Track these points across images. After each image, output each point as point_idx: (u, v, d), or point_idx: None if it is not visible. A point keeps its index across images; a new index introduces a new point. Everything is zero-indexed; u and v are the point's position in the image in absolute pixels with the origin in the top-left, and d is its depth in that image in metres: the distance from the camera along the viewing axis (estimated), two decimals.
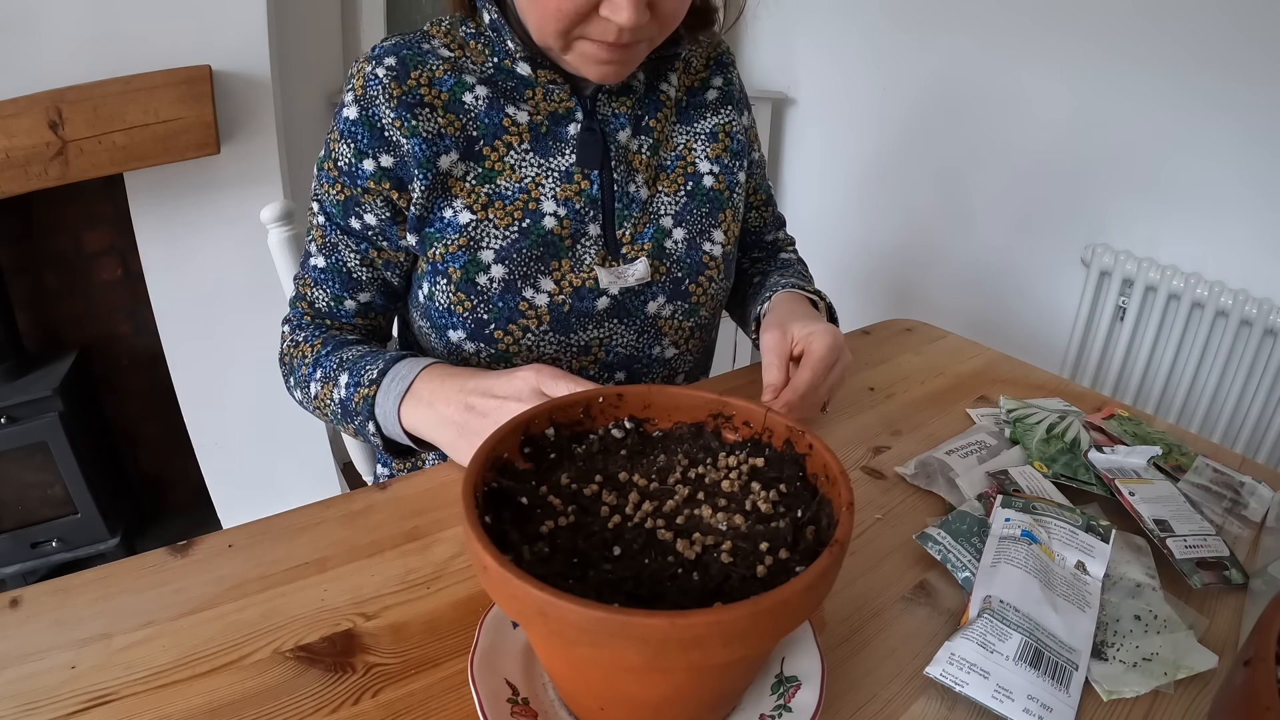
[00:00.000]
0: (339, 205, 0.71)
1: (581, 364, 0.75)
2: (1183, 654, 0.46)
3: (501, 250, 0.69)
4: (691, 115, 0.80)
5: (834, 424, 0.72)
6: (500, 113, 0.70)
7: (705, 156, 0.79)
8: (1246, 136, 1.37)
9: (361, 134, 0.67)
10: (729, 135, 0.81)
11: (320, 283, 0.75)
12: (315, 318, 0.77)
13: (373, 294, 0.76)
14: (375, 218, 0.71)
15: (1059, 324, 1.72)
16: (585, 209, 0.72)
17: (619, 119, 0.73)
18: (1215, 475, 0.64)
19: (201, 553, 0.53)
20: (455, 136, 0.69)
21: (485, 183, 0.70)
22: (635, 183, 0.74)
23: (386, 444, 0.67)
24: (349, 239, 0.72)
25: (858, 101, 2.03)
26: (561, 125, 0.72)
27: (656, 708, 0.36)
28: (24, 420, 1.47)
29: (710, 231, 0.78)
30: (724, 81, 0.83)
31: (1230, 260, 1.45)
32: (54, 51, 1.30)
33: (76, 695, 0.41)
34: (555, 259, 0.71)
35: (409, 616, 0.48)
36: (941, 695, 0.44)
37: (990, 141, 1.75)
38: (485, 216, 0.69)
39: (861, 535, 0.57)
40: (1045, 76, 1.61)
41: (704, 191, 0.78)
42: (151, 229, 1.51)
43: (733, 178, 0.80)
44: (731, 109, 0.82)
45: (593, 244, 0.72)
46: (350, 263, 0.73)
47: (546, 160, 0.71)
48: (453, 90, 0.69)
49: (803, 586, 0.31)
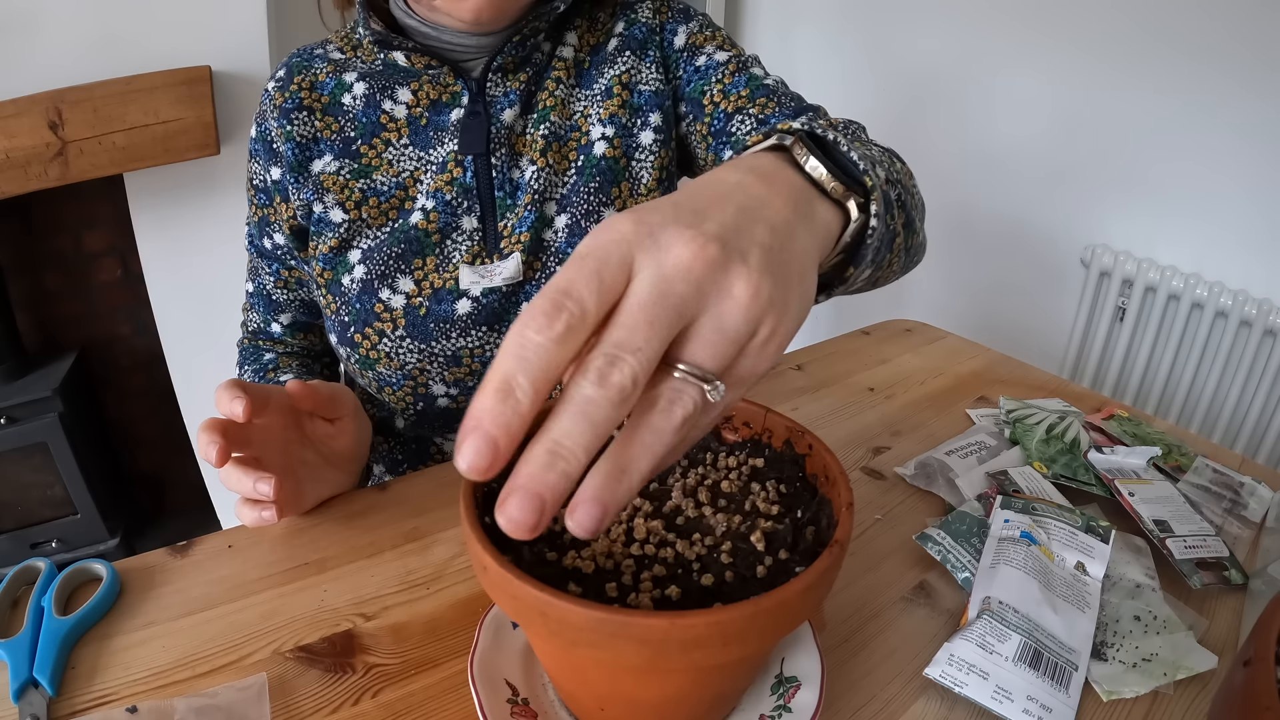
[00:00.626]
0: (256, 226, 0.71)
1: (456, 376, 0.66)
2: (1182, 654, 0.46)
3: (367, 250, 0.65)
4: (591, 76, 0.68)
5: (834, 424, 0.72)
6: (377, 109, 0.65)
7: (598, 120, 0.66)
8: (1247, 136, 1.37)
9: (258, 149, 0.67)
10: (627, 88, 0.67)
11: (252, 306, 0.76)
12: (252, 338, 0.78)
13: (294, 313, 0.74)
14: (282, 236, 0.69)
15: (1059, 324, 1.72)
16: (458, 200, 0.64)
17: (508, 97, 0.65)
18: (1215, 476, 0.64)
19: (201, 553, 0.53)
20: (331, 140, 0.65)
21: (359, 178, 0.65)
22: (519, 166, 0.65)
23: None
24: (264, 261, 0.72)
25: (857, 102, 2.03)
26: (443, 113, 0.65)
27: (656, 708, 0.36)
28: (24, 420, 1.47)
29: (600, 211, 0.65)
30: (626, 24, 0.69)
31: (1230, 260, 1.45)
32: (54, 51, 1.30)
33: (77, 695, 0.41)
34: (419, 256, 0.64)
35: (409, 617, 0.48)
36: (941, 696, 0.44)
37: (990, 142, 1.75)
38: (359, 216, 0.65)
39: (861, 535, 0.57)
40: (1045, 76, 1.61)
41: (594, 163, 0.65)
42: (151, 229, 1.51)
43: (631, 140, 0.66)
44: (631, 55, 0.68)
45: (466, 239, 0.64)
46: (268, 285, 0.73)
47: (425, 153, 0.65)
48: (333, 93, 0.66)
49: (802, 587, 0.31)
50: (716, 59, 0.68)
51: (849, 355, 0.85)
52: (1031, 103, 1.65)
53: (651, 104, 0.67)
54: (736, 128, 0.66)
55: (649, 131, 0.67)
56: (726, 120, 0.67)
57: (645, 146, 0.67)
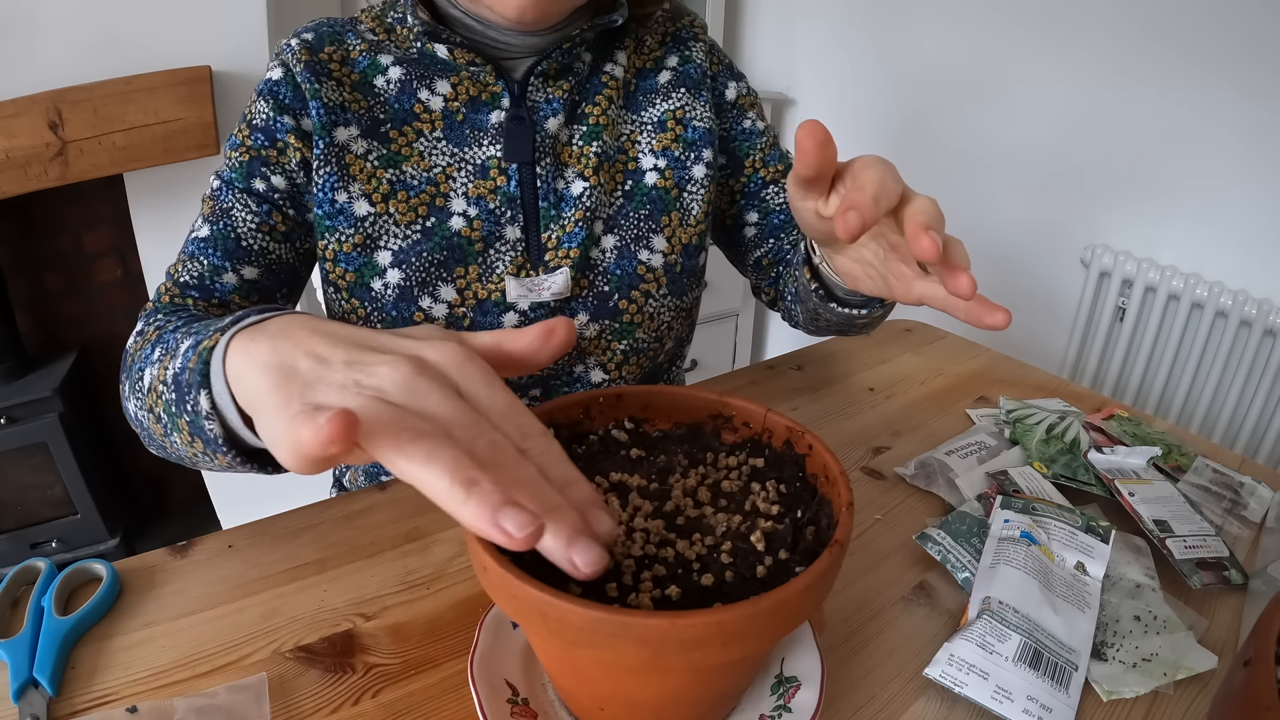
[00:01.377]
0: (242, 167, 0.61)
1: None
2: (1182, 654, 0.46)
3: (400, 252, 0.62)
4: (639, 102, 0.69)
5: (834, 424, 0.72)
6: (412, 97, 0.63)
7: (650, 150, 0.68)
8: (1247, 137, 1.37)
9: (284, 91, 0.61)
10: (681, 123, 0.69)
11: (197, 254, 0.60)
12: (177, 297, 0.60)
13: (261, 271, 0.62)
14: (285, 179, 0.61)
15: (1059, 324, 1.72)
16: (501, 208, 0.63)
17: (551, 104, 0.64)
18: (1215, 476, 0.64)
19: (201, 553, 0.53)
20: (359, 114, 0.62)
21: (389, 166, 0.62)
22: (565, 178, 0.65)
23: (231, 442, 0.41)
24: (249, 199, 0.61)
25: (857, 103, 2.03)
26: (482, 112, 0.64)
27: (656, 708, 0.36)
28: (24, 420, 1.47)
29: (649, 238, 0.67)
30: (680, 60, 0.71)
31: (1230, 260, 1.45)
32: (54, 52, 1.30)
33: (77, 695, 0.41)
34: (461, 265, 0.63)
35: (409, 617, 0.48)
36: (941, 696, 0.44)
37: (989, 142, 1.75)
38: (386, 210, 0.62)
39: (861, 535, 0.57)
40: (1045, 77, 1.61)
41: (645, 191, 0.67)
42: (151, 229, 1.51)
43: (684, 172, 0.69)
44: (686, 92, 0.70)
45: (509, 249, 0.63)
46: (242, 227, 0.61)
47: (460, 150, 0.63)
48: (365, 72, 0.63)
49: (802, 587, 0.31)
50: (758, 127, 0.75)
51: (849, 355, 0.86)
52: (1032, 104, 1.65)
53: (705, 140, 0.70)
54: (770, 197, 0.76)
55: (701, 166, 0.70)
56: (762, 186, 0.76)
57: (697, 180, 0.70)
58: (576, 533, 0.28)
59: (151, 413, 0.47)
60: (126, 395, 0.53)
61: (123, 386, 0.54)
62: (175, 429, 0.44)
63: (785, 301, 0.77)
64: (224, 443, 0.40)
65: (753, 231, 0.78)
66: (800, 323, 0.74)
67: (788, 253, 0.77)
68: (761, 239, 0.78)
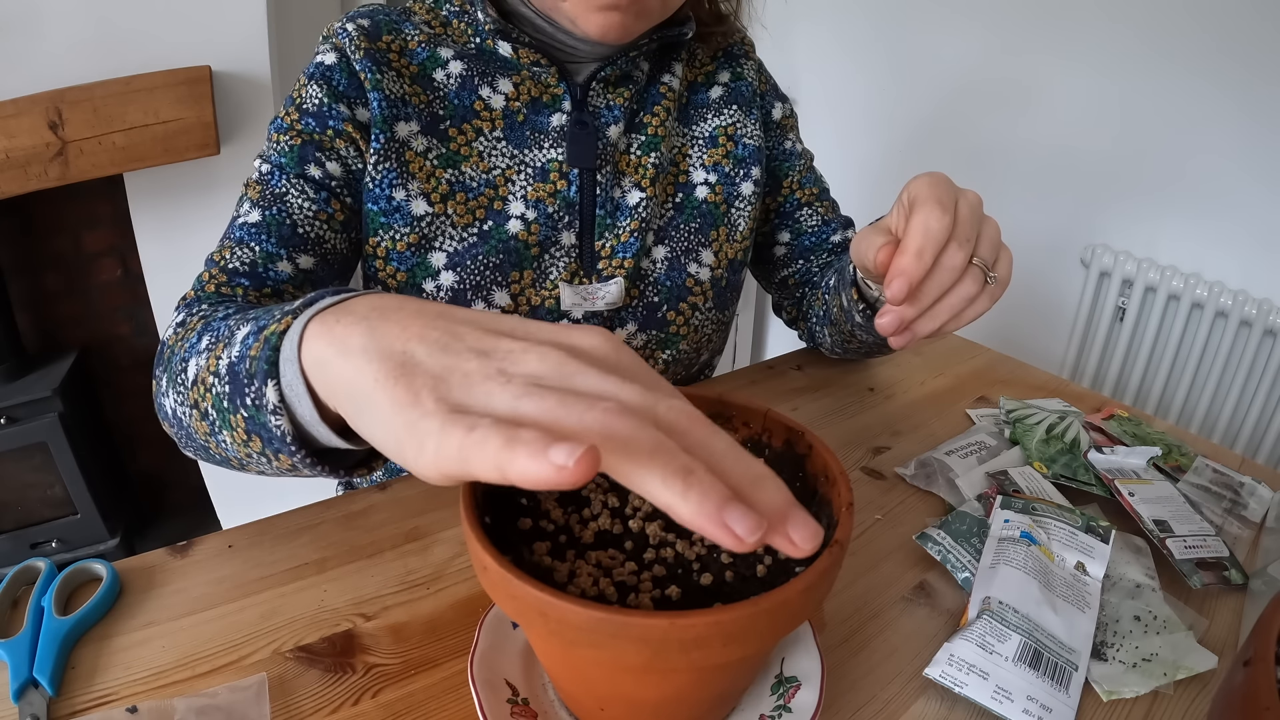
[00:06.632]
0: (293, 151, 0.57)
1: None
2: (1182, 654, 0.46)
3: (456, 255, 0.60)
4: (691, 115, 0.70)
5: (834, 424, 0.72)
6: (473, 94, 0.61)
7: (701, 164, 0.69)
8: (1246, 137, 1.37)
9: (339, 78, 0.59)
10: (732, 139, 0.70)
11: (247, 240, 0.56)
12: (224, 285, 0.55)
13: (317, 261, 0.58)
14: (341, 166, 0.59)
15: (1059, 324, 1.72)
16: (559, 213, 0.62)
17: (612, 111, 0.64)
18: (1215, 476, 0.64)
19: (201, 553, 0.53)
20: (419, 108, 0.60)
21: (448, 166, 0.61)
22: (622, 187, 0.65)
23: (300, 441, 0.36)
24: (305, 185, 0.58)
25: (857, 103, 2.03)
26: (543, 114, 0.63)
27: (656, 708, 0.36)
28: (24, 420, 1.47)
29: (698, 252, 0.67)
30: (732, 76, 0.72)
31: (1230, 260, 1.45)
32: (54, 51, 1.30)
33: (77, 695, 0.41)
34: (517, 269, 0.62)
35: (409, 617, 0.48)
36: (941, 696, 0.44)
37: (989, 142, 1.75)
38: (444, 210, 0.60)
39: (861, 535, 0.57)
40: (1045, 77, 1.61)
41: (695, 204, 0.68)
42: (151, 229, 1.51)
43: (733, 189, 0.70)
44: (738, 109, 0.71)
45: (564, 255, 0.63)
46: (299, 214, 0.57)
47: (520, 152, 0.62)
48: (424, 65, 0.61)
49: (803, 587, 0.31)
50: (798, 149, 0.77)
51: None
52: (1032, 104, 1.65)
53: (754, 158, 0.71)
54: (805, 218, 0.77)
55: (749, 183, 0.71)
56: (797, 207, 0.77)
57: (745, 196, 0.71)
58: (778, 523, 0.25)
59: (196, 409, 0.43)
60: (164, 390, 0.49)
61: (158, 382, 0.51)
62: (225, 426, 0.40)
63: (809, 323, 0.77)
64: (292, 440, 0.35)
65: (783, 251, 0.79)
66: (827, 345, 0.75)
67: (814, 275, 0.77)
68: (791, 259, 0.79)
